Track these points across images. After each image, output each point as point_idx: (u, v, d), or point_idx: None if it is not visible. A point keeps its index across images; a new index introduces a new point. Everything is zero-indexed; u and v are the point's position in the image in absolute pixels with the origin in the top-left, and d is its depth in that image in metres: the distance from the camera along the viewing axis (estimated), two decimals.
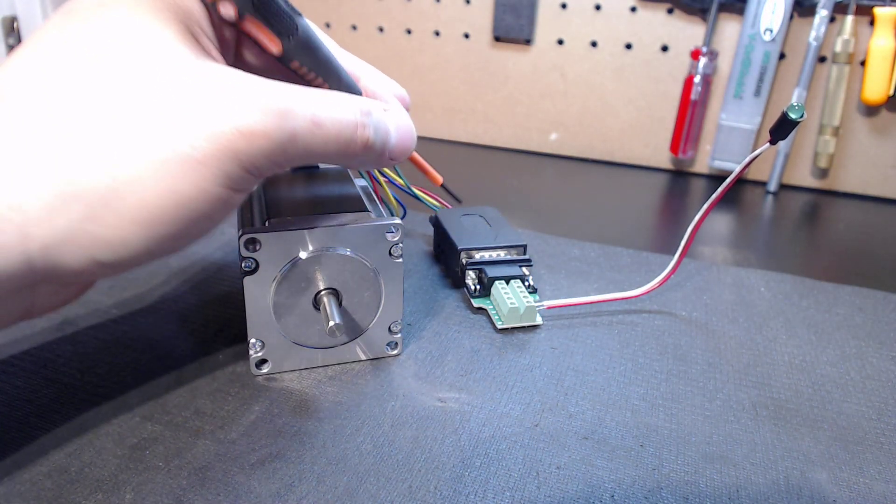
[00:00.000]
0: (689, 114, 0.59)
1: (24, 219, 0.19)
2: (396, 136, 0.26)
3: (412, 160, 0.31)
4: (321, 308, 0.28)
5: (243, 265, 0.27)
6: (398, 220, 0.29)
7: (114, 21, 0.21)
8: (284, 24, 0.23)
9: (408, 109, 0.30)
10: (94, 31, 0.21)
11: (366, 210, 0.30)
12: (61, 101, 0.20)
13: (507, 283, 0.35)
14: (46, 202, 0.19)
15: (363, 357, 0.31)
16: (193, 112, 0.20)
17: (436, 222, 0.41)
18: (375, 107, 0.25)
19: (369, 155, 0.25)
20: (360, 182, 0.34)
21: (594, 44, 0.62)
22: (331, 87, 0.26)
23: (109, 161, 0.19)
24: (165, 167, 0.20)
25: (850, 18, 0.53)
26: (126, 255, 0.20)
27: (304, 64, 0.25)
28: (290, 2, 0.24)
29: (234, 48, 0.26)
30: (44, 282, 0.21)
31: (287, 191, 0.31)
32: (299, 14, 0.24)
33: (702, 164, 0.63)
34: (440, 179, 0.33)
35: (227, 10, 0.22)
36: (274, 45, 0.23)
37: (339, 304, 0.29)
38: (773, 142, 0.29)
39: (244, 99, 0.21)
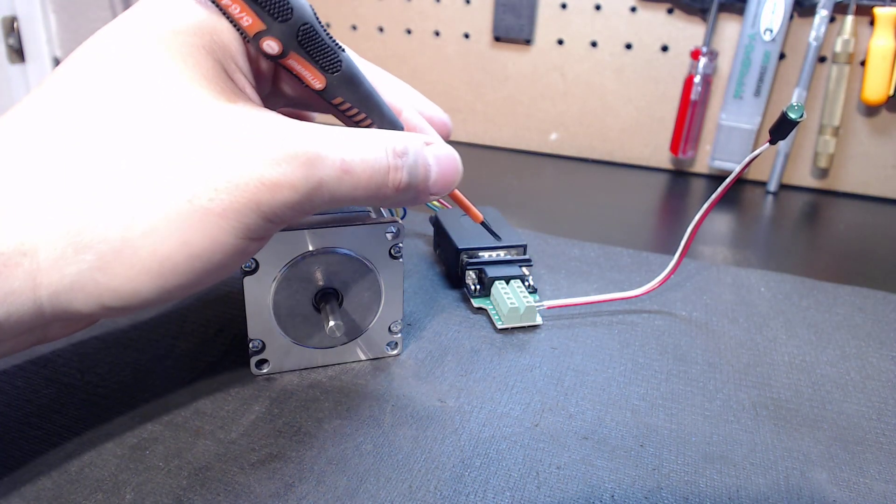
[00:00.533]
0: (689, 114, 0.59)
1: (34, 265, 0.19)
2: (437, 171, 0.25)
3: (452, 196, 0.30)
4: (321, 308, 0.28)
5: (243, 265, 0.27)
6: (398, 220, 0.29)
7: (136, 65, 0.20)
8: (329, 59, 0.22)
9: (448, 135, 0.29)
10: (114, 75, 0.20)
11: (366, 210, 0.30)
12: (77, 149, 0.19)
13: (507, 283, 0.35)
14: (57, 250, 0.19)
15: (363, 357, 0.31)
16: (214, 162, 0.19)
17: (436, 222, 0.41)
18: (413, 144, 0.24)
19: (405, 196, 0.24)
20: None
21: (594, 44, 0.62)
22: (372, 123, 0.25)
23: (123, 212, 0.19)
24: (181, 220, 0.19)
25: (850, 18, 0.53)
26: (135, 303, 0.20)
27: (346, 100, 0.24)
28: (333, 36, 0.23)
29: (272, 80, 0.26)
30: (53, 322, 0.21)
31: None
32: (342, 48, 0.23)
33: (702, 164, 0.63)
34: (480, 217, 0.32)
35: (271, 47, 0.21)
36: (318, 81, 0.23)
37: (339, 304, 0.29)
38: (772, 142, 0.29)
39: (268, 147, 0.20)
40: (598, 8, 0.61)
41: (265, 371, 0.30)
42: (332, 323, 0.27)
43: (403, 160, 0.23)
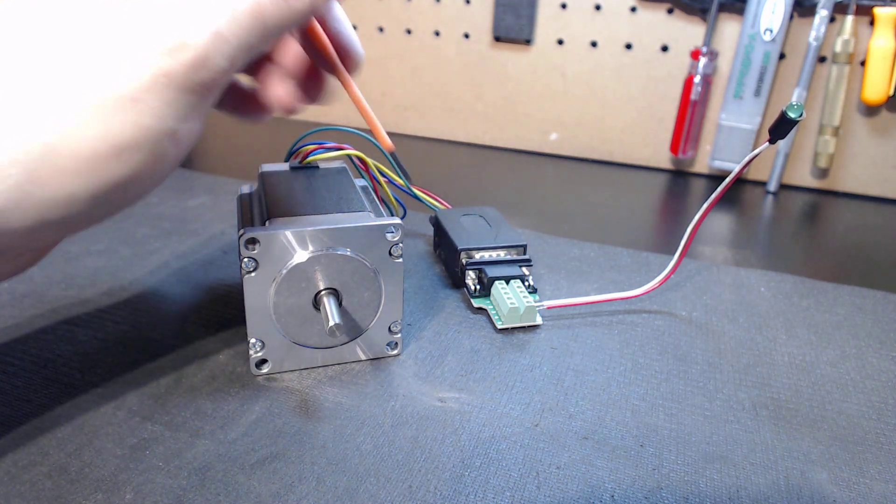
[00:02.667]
0: (689, 114, 0.59)
1: None
2: None
3: (362, 113, 0.28)
4: (321, 308, 0.28)
5: (243, 265, 0.27)
6: (398, 220, 0.29)
7: None
8: None
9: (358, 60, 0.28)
10: None
11: (366, 210, 0.30)
12: None
13: (507, 283, 0.35)
14: None
15: (363, 357, 0.31)
16: (109, 46, 0.19)
17: (436, 222, 0.41)
18: None
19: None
20: (360, 182, 0.34)
21: (594, 44, 0.62)
22: None
23: (34, 119, 0.18)
24: (94, 112, 0.18)
25: (850, 18, 0.53)
26: (76, 209, 0.19)
27: None
28: None
29: None
30: (5, 250, 0.20)
31: (287, 191, 0.31)
32: None
33: (702, 164, 0.63)
34: (391, 145, 0.30)
35: None
36: None
37: (339, 304, 0.29)
38: (772, 141, 0.29)
39: (158, 18, 0.19)
40: (598, 8, 0.61)
41: (265, 371, 0.30)
42: (332, 323, 0.27)
43: None
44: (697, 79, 0.58)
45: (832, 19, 0.55)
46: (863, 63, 0.55)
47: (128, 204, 0.21)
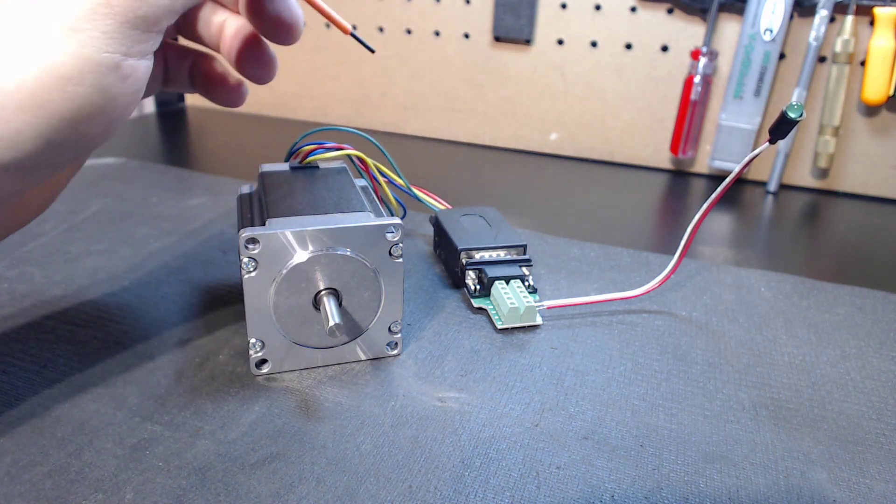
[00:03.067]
0: (689, 114, 0.59)
1: None
2: None
3: (316, 6, 0.28)
4: (321, 308, 0.28)
5: (243, 265, 0.27)
6: (398, 220, 0.29)
7: None
8: None
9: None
10: None
11: (366, 210, 0.30)
12: None
13: (507, 283, 0.35)
14: None
15: (363, 357, 0.31)
16: None
17: (436, 222, 0.41)
18: None
19: None
20: (360, 182, 0.34)
21: (594, 44, 0.62)
22: None
23: None
24: (35, 44, 0.18)
25: (850, 18, 0.53)
26: (27, 149, 0.19)
27: None
28: None
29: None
30: None
31: (287, 191, 0.31)
32: None
33: (702, 164, 0.63)
34: (348, 28, 0.29)
35: None
36: None
37: (339, 304, 0.29)
38: (772, 141, 0.29)
39: None
40: (598, 8, 0.61)
41: (265, 371, 0.30)
42: (332, 323, 0.27)
43: None
44: (697, 79, 0.58)
45: (832, 19, 0.55)
46: (863, 63, 0.55)
47: (83, 149, 0.21)
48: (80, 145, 0.21)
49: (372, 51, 0.31)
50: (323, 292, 0.28)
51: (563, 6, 0.62)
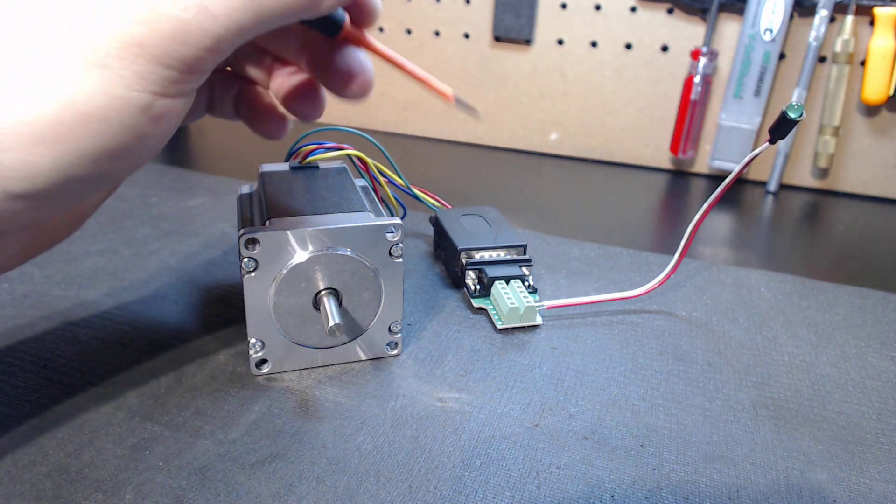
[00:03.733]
0: (689, 114, 0.59)
1: None
2: None
3: (415, 75, 0.27)
4: (321, 308, 0.28)
5: (243, 265, 0.27)
6: (398, 220, 0.29)
7: None
8: None
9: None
10: None
11: (366, 210, 0.30)
12: None
13: (507, 283, 0.35)
14: None
15: (363, 357, 0.31)
16: (86, 11, 0.18)
17: (436, 222, 0.41)
18: None
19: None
20: (360, 182, 0.34)
21: (594, 44, 0.62)
22: None
23: None
24: (59, 77, 0.18)
25: (850, 18, 0.53)
26: (42, 182, 0.18)
27: None
28: None
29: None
30: None
31: (287, 191, 0.31)
32: None
33: (702, 164, 0.63)
34: (451, 95, 0.28)
35: None
36: None
37: (339, 304, 0.29)
38: (772, 141, 0.29)
39: None
40: (598, 8, 0.61)
41: (265, 371, 0.30)
42: (332, 323, 0.27)
43: None
44: (697, 79, 0.58)
45: (832, 19, 0.55)
46: (863, 63, 0.55)
47: (105, 184, 0.20)
48: (102, 181, 0.20)
49: (475, 110, 0.31)
50: (323, 292, 0.28)
51: (563, 6, 0.62)
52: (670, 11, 0.59)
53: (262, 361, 0.30)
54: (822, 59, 0.56)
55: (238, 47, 0.20)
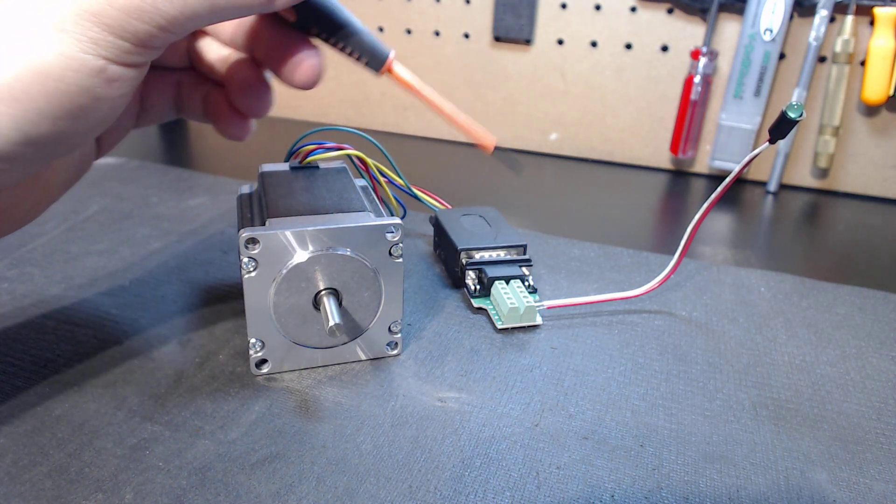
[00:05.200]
0: (689, 114, 0.59)
1: None
2: None
3: (454, 121, 0.27)
4: (321, 308, 0.28)
5: (243, 265, 0.27)
6: (398, 220, 0.29)
7: None
8: None
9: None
10: None
11: (366, 210, 0.30)
12: None
13: (507, 283, 0.35)
14: None
15: (363, 357, 0.31)
16: None
17: (436, 222, 0.41)
18: None
19: None
20: (360, 182, 0.34)
21: (594, 44, 0.62)
22: (353, 51, 0.24)
23: None
24: (19, 38, 0.19)
25: (850, 18, 0.53)
26: (2, 141, 0.19)
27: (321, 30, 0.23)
28: None
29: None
30: None
31: (287, 191, 0.31)
32: None
33: (702, 164, 0.63)
34: (493, 141, 0.28)
35: None
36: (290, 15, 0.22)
37: (339, 304, 0.29)
38: (772, 141, 0.29)
39: None
40: (598, 8, 0.61)
41: (265, 371, 0.30)
42: (332, 323, 0.27)
43: None
44: (697, 79, 0.58)
45: (832, 19, 0.55)
46: (863, 63, 0.55)
47: (64, 147, 0.21)
48: (60, 141, 0.21)
49: (519, 167, 0.30)
50: (323, 292, 0.28)
51: (563, 6, 0.62)
52: (670, 11, 0.59)
53: (262, 361, 0.30)
54: (822, 59, 0.56)
55: (200, 40, 0.22)
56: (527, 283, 0.36)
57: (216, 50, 0.29)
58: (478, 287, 0.36)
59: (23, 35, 0.19)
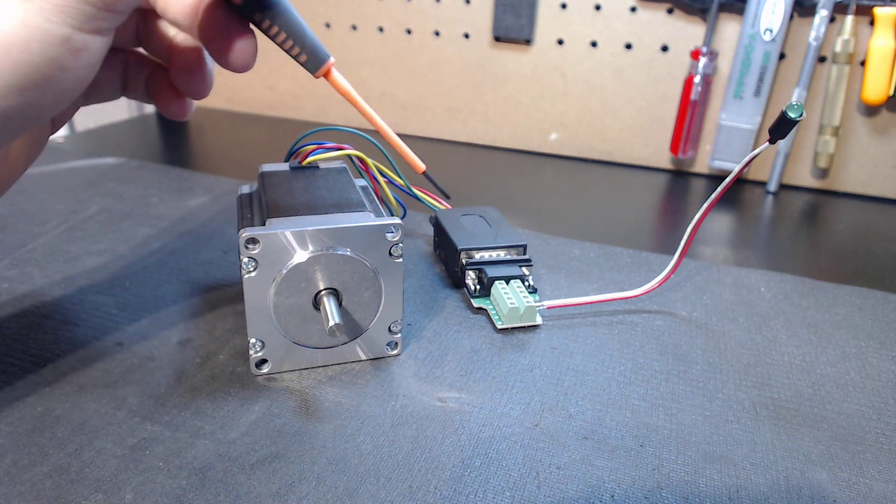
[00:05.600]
0: (689, 114, 0.59)
1: None
2: None
3: (388, 141, 0.29)
4: (321, 308, 0.28)
5: (243, 265, 0.27)
6: (398, 220, 0.29)
7: None
8: None
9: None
10: None
11: (366, 210, 0.30)
12: None
13: (507, 283, 0.35)
14: None
15: (363, 357, 0.31)
16: None
17: (436, 222, 0.41)
18: None
19: None
20: (360, 182, 0.34)
21: (594, 44, 0.62)
22: (293, 45, 0.25)
23: None
24: None
25: (850, 18, 0.53)
26: None
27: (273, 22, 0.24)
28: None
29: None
30: None
31: (287, 191, 0.31)
32: None
33: (702, 164, 0.63)
34: (422, 167, 0.31)
35: None
36: None
37: (339, 304, 0.29)
38: (772, 141, 0.29)
39: None
40: (598, 8, 0.61)
41: (265, 371, 0.30)
42: (332, 323, 0.27)
43: None
44: (697, 79, 0.58)
45: (832, 19, 0.55)
46: (863, 63, 0.55)
47: (31, 119, 0.21)
48: (27, 114, 0.21)
49: (447, 196, 0.33)
50: (323, 292, 0.28)
51: (563, 6, 0.62)
52: (670, 11, 0.59)
53: (262, 361, 0.30)
54: (822, 59, 0.56)
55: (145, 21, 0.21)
56: (527, 283, 0.36)
57: (162, 29, 0.29)
58: (478, 287, 0.36)
59: None
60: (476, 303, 0.36)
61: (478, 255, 0.37)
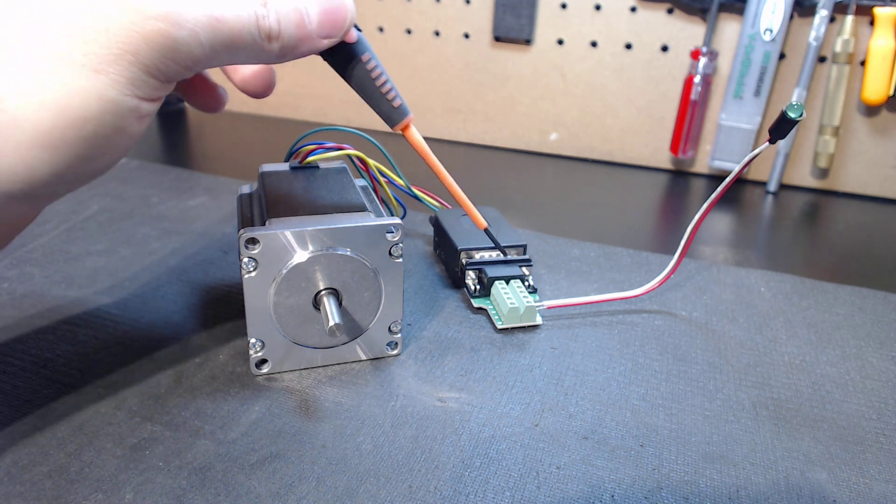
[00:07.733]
0: (689, 114, 0.59)
1: None
2: (318, 12, 0.23)
3: (457, 199, 0.32)
4: (321, 308, 0.28)
5: (243, 265, 0.27)
6: (398, 220, 0.29)
7: None
8: None
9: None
10: None
11: (366, 210, 0.30)
12: None
13: (507, 283, 0.35)
14: None
15: (363, 357, 0.31)
16: (83, 17, 0.19)
17: (436, 222, 0.41)
18: None
19: (287, 44, 0.23)
20: (360, 182, 0.34)
21: (594, 44, 0.62)
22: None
23: None
24: (57, 82, 0.19)
25: (850, 18, 0.53)
26: (37, 182, 0.19)
27: None
28: None
29: None
30: None
31: (287, 191, 0.31)
32: None
33: (702, 164, 0.63)
34: (484, 224, 0.34)
35: None
36: None
37: (339, 304, 0.29)
38: (772, 141, 0.29)
39: (137, 1, 0.19)
40: (598, 8, 0.61)
41: (265, 371, 0.30)
42: (332, 323, 0.27)
43: (268, 7, 0.22)
44: (697, 79, 0.58)
45: (832, 19, 0.55)
46: (863, 63, 0.55)
47: (91, 176, 0.22)
48: (87, 177, 0.21)
49: (501, 249, 0.36)
50: (323, 292, 0.28)
51: (563, 6, 0.62)
52: (670, 11, 0.59)
53: (262, 361, 0.30)
54: (822, 59, 0.56)
55: None
56: (527, 283, 0.36)
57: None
58: (478, 287, 0.36)
59: (55, 77, 0.19)
60: (476, 303, 0.36)
61: (478, 255, 0.37)
